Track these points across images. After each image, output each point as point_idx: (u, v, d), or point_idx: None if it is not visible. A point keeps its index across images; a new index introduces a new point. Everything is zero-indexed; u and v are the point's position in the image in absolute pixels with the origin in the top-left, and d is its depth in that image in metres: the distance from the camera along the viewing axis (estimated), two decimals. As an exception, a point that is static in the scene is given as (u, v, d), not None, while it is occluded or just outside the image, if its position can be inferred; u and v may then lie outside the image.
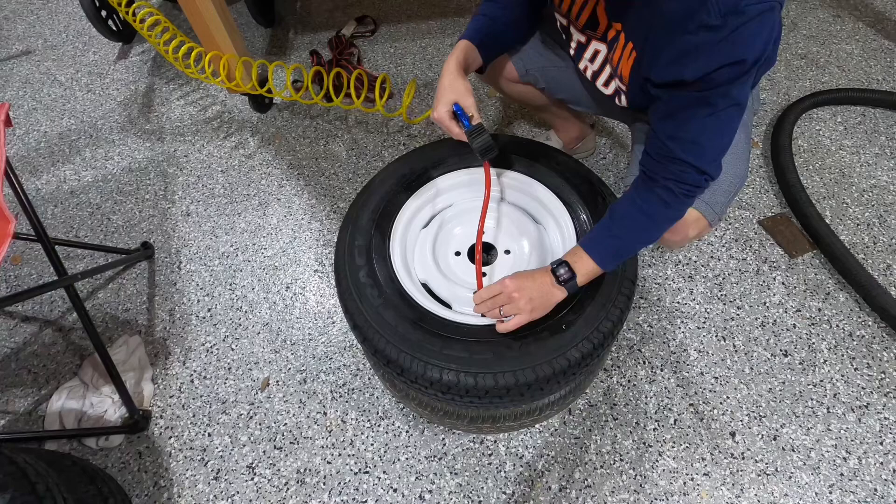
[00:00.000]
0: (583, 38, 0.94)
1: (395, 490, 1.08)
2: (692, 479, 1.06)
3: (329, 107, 1.64)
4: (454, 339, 0.83)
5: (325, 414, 1.18)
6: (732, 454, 1.08)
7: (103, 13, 1.97)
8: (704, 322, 1.26)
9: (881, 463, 1.06)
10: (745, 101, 0.77)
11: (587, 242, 0.86)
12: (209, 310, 1.37)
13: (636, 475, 1.07)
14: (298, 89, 1.76)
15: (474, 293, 0.90)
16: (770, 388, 1.16)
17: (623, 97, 0.94)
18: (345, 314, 0.90)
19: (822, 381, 1.17)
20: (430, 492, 1.07)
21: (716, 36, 0.68)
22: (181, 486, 1.11)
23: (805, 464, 1.07)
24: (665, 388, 1.17)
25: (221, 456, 1.14)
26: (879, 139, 1.59)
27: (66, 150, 1.79)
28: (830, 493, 1.03)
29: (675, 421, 1.13)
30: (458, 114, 0.90)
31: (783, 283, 1.31)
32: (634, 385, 1.18)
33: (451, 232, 1.06)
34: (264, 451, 1.14)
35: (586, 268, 0.85)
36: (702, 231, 0.94)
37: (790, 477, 1.05)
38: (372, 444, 1.13)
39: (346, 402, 1.19)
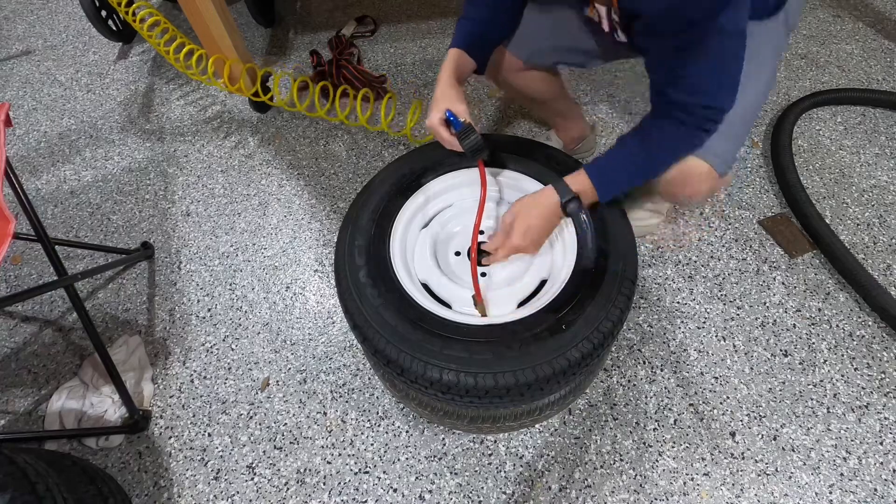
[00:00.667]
0: None
1: (395, 490, 1.08)
2: (692, 479, 1.06)
3: (334, 119, 1.65)
4: (454, 339, 0.83)
5: (325, 414, 1.18)
6: (732, 454, 1.08)
7: (103, 13, 1.97)
8: (704, 322, 1.26)
9: (881, 463, 1.06)
10: (741, 29, 0.74)
11: (594, 170, 0.89)
12: (209, 310, 1.37)
13: (636, 475, 1.07)
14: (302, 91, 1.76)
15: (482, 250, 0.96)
16: (770, 388, 1.16)
17: (620, 32, 0.91)
18: (345, 314, 0.90)
19: (822, 381, 1.17)
20: (430, 492, 1.07)
21: None
22: (181, 486, 1.11)
23: (805, 464, 1.07)
24: (665, 388, 1.17)
25: (221, 456, 1.14)
26: (879, 139, 1.59)
27: (66, 150, 1.79)
28: (830, 493, 1.03)
29: (675, 421, 1.13)
30: (451, 120, 0.92)
31: (783, 283, 1.31)
32: (634, 385, 1.18)
33: (451, 232, 1.06)
34: (264, 451, 1.14)
35: (587, 198, 0.90)
36: (713, 185, 0.93)
37: (790, 477, 1.05)
38: (372, 444, 1.13)
39: (346, 402, 1.19)
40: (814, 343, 1.22)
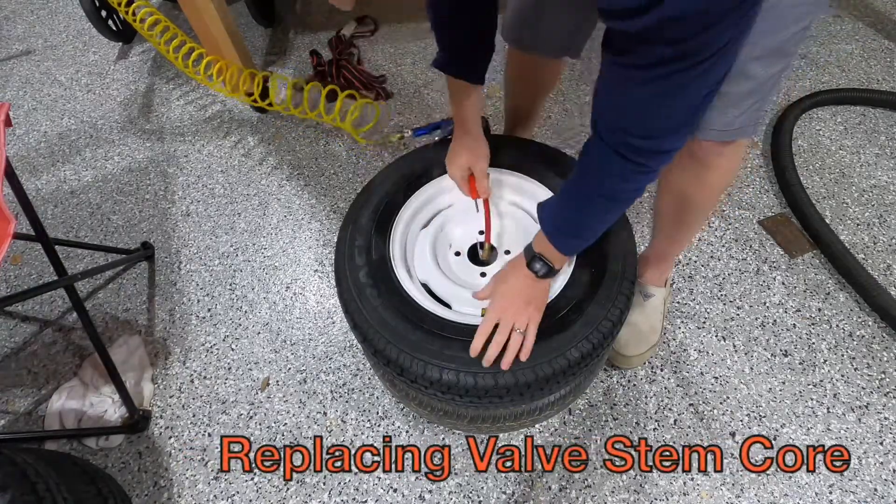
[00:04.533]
0: None
1: (395, 490, 1.08)
2: (692, 479, 1.06)
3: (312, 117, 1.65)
4: (454, 339, 0.83)
5: (325, 414, 1.18)
6: (732, 454, 1.08)
7: (103, 13, 1.97)
8: (704, 322, 1.26)
9: (881, 463, 1.06)
10: (707, 56, 0.50)
11: (555, 235, 0.80)
12: (209, 310, 1.37)
13: (636, 475, 1.07)
14: (299, 90, 1.76)
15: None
16: (770, 388, 1.16)
17: None
18: (345, 314, 0.90)
19: (822, 381, 1.17)
20: (430, 492, 1.07)
21: None
22: (181, 486, 1.11)
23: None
24: (665, 388, 1.17)
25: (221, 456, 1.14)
26: (879, 139, 1.59)
27: (66, 150, 1.79)
28: (830, 493, 1.03)
29: (675, 421, 1.13)
30: (430, 128, 0.90)
31: (783, 283, 1.31)
32: (634, 385, 1.18)
33: (451, 232, 1.06)
34: (264, 451, 1.14)
35: (558, 258, 0.82)
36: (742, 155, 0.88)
37: (790, 477, 1.05)
38: (372, 444, 1.13)
39: (346, 402, 1.19)
40: (814, 343, 1.22)
